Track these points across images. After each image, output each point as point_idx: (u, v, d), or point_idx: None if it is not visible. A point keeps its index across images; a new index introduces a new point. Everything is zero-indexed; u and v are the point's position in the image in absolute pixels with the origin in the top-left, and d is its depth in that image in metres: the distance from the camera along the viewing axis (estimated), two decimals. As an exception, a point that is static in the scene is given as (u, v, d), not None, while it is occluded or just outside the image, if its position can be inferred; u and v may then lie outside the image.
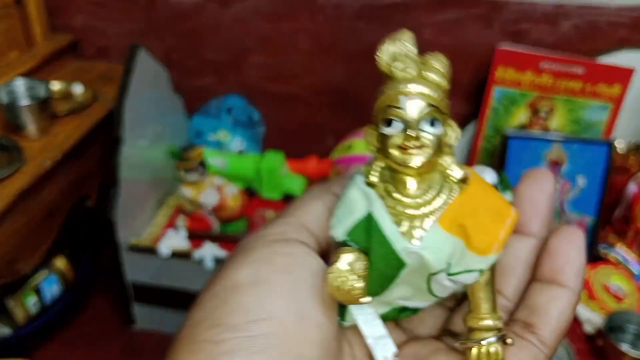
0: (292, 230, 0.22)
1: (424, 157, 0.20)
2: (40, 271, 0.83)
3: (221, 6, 0.92)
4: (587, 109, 0.86)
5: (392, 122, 0.20)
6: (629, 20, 0.82)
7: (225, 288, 0.19)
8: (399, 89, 0.20)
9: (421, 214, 0.20)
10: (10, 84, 0.76)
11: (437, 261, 0.20)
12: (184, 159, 0.82)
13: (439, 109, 0.20)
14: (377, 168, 0.21)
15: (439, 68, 0.20)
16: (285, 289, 0.19)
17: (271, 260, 0.20)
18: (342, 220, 0.21)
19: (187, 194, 0.83)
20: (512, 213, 0.21)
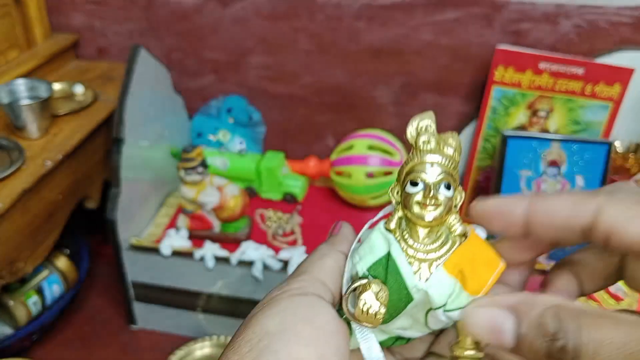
0: (309, 286, 0.25)
1: (437, 213, 0.25)
2: (42, 271, 0.83)
3: (221, 6, 0.92)
4: (586, 109, 0.86)
5: (416, 183, 0.25)
6: (630, 20, 0.82)
7: (257, 334, 0.23)
8: (423, 158, 0.25)
9: (429, 258, 0.25)
10: (10, 83, 0.76)
11: (439, 298, 0.25)
12: (184, 159, 0.82)
13: (452, 176, 0.25)
14: (396, 217, 0.26)
15: (453, 144, 0.26)
16: (307, 335, 0.23)
17: (295, 312, 0.24)
18: (364, 258, 0.26)
19: (187, 194, 0.83)
20: (500, 264, 0.26)
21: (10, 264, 0.68)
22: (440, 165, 0.25)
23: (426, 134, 0.26)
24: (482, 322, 0.23)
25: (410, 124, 0.26)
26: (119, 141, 0.77)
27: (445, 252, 0.25)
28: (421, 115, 0.26)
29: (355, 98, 0.95)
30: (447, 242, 0.26)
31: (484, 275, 0.25)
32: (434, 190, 0.24)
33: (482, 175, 0.94)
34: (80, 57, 1.02)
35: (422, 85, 0.93)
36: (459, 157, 0.26)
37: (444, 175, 0.25)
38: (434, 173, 0.25)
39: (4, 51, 0.86)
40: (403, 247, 0.25)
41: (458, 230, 0.26)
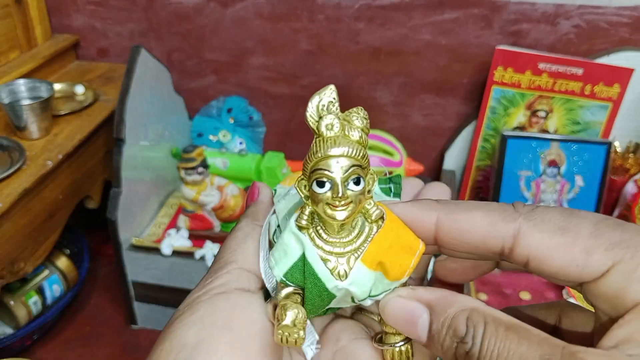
0: (233, 280, 0.24)
1: (349, 211, 0.23)
2: (42, 271, 0.83)
3: (221, 7, 0.92)
4: (585, 109, 0.86)
5: (322, 183, 0.23)
6: (629, 20, 0.83)
7: (174, 348, 0.22)
8: (327, 151, 0.23)
9: (346, 252, 0.24)
10: (11, 84, 0.77)
11: (361, 293, 0.24)
12: (185, 159, 0.82)
13: (361, 166, 0.23)
14: (307, 212, 0.24)
15: (359, 125, 0.24)
16: (227, 342, 0.22)
17: (213, 318, 0.23)
18: (279, 263, 0.25)
19: (188, 194, 0.83)
20: (420, 246, 0.25)
21: (11, 264, 0.68)
22: (347, 157, 0.23)
23: (329, 116, 0.23)
24: (399, 312, 0.23)
25: (310, 103, 0.24)
26: (119, 141, 0.77)
27: (362, 241, 0.24)
28: (321, 92, 0.24)
29: (355, 98, 0.95)
30: (364, 230, 0.24)
31: (405, 261, 0.24)
32: (342, 189, 0.23)
33: (482, 176, 0.94)
34: (81, 57, 1.02)
35: (421, 86, 0.93)
36: (367, 137, 0.24)
37: (352, 170, 0.23)
38: (341, 170, 0.23)
39: (5, 52, 0.87)
40: (318, 243, 0.24)
41: (374, 215, 0.24)
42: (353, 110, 0.24)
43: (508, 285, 0.86)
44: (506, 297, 0.84)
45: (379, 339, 0.26)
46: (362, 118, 0.24)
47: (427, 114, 0.95)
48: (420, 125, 0.96)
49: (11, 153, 0.71)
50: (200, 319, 0.23)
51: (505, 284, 0.86)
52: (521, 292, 0.85)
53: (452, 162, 0.97)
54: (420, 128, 0.97)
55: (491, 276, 0.88)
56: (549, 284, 0.87)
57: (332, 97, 0.24)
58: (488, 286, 0.86)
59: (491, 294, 0.84)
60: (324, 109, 0.24)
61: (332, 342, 0.27)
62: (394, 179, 0.31)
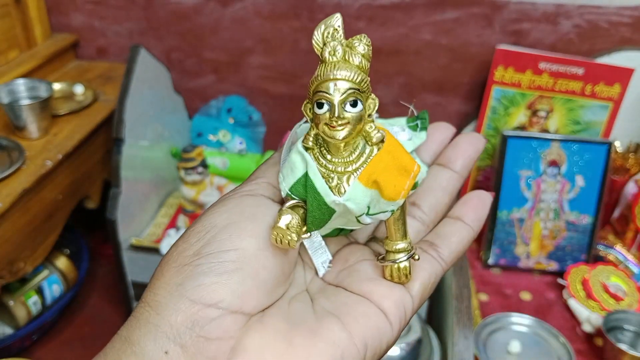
0: (260, 188, 0.27)
1: (347, 131, 0.25)
2: (42, 271, 0.83)
3: (221, 6, 0.92)
4: (586, 109, 0.86)
5: (321, 104, 0.24)
6: (629, 20, 0.82)
7: (205, 227, 0.25)
8: (327, 75, 0.24)
9: (347, 171, 0.26)
10: (11, 83, 0.76)
11: (357, 209, 0.26)
12: (184, 159, 0.82)
13: (359, 90, 0.25)
14: (312, 134, 0.26)
15: (361, 51, 0.25)
16: (250, 230, 0.25)
17: (242, 209, 0.26)
18: (286, 178, 0.27)
19: (187, 193, 0.83)
20: (415, 168, 0.26)
21: (10, 264, 0.68)
22: (346, 79, 0.24)
23: (332, 43, 0.25)
24: None
25: (316, 31, 0.25)
26: (119, 141, 0.77)
27: (362, 162, 0.26)
28: (327, 20, 0.25)
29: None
30: (364, 151, 0.26)
31: (400, 181, 0.26)
32: (339, 110, 0.24)
33: (482, 175, 0.94)
34: (80, 57, 1.02)
35: (422, 85, 0.93)
36: (368, 62, 0.25)
37: (349, 93, 0.24)
38: (338, 92, 0.24)
39: (4, 51, 0.86)
40: (322, 162, 0.26)
41: (374, 138, 0.26)
42: (356, 37, 0.25)
43: (508, 286, 0.86)
44: (507, 298, 0.83)
45: (381, 257, 0.28)
46: (364, 45, 0.25)
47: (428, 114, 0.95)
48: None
49: (10, 153, 0.71)
50: (230, 209, 0.26)
51: (506, 285, 0.86)
52: (521, 292, 0.85)
53: (452, 161, 0.97)
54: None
55: (491, 276, 0.88)
56: (549, 284, 0.87)
57: (337, 24, 0.25)
58: (488, 286, 0.86)
59: (491, 294, 0.84)
60: (329, 36, 0.25)
61: (341, 262, 0.30)
62: (421, 114, 0.34)
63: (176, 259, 0.25)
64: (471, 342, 0.64)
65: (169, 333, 0.23)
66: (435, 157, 0.34)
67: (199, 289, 0.23)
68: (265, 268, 0.25)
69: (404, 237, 0.28)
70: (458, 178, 0.32)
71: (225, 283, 0.24)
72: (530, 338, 0.75)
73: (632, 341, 0.74)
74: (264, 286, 0.25)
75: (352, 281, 0.28)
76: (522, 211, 0.87)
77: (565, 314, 0.81)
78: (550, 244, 0.88)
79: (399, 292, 0.27)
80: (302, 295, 0.28)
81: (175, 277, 0.24)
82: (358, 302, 0.27)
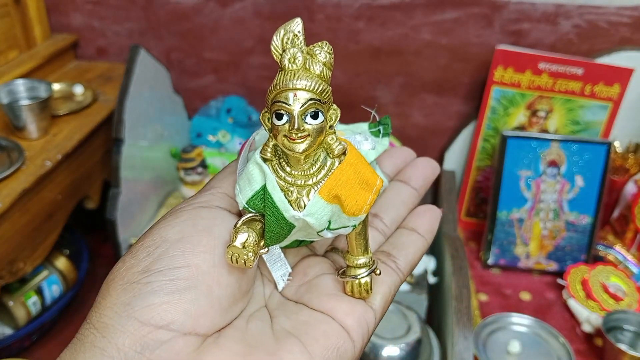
0: (215, 199, 0.26)
1: (307, 144, 0.24)
2: (41, 271, 0.83)
3: (220, 6, 0.92)
4: (586, 109, 0.86)
5: (280, 115, 0.23)
6: (629, 20, 0.83)
7: (156, 242, 0.24)
8: (286, 84, 0.23)
9: (307, 184, 0.25)
10: (10, 84, 0.76)
11: (318, 224, 0.25)
12: (184, 160, 0.82)
13: (320, 100, 0.23)
14: (270, 145, 0.25)
15: (322, 59, 0.24)
16: (204, 244, 0.24)
17: (195, 222, 0.25)
18: (243, 190, 0.26)
19: (187, 194, 0.83)
20: (377, 182, 0.25)
21: (10, 264, 0.68)
22: (306, 90, 0.23)
23: (292, 50, 0.23)
24: None
25: (275, 36, 0.24)
26: (118, 141, 0.77)
27: (323, 175, 0.25)
28: (287, 25, 0.24)
29: (355, 98, 0.95)
30: (326, 164, 0.25)
31: (362, 196, 0.25)
32: (298, 122, 0.23)
33: (482, 176, 0.94)
34: (80, 57, 1.02)
35: (421, 85, 0.93)
36: (330, 71, 0.24)
37: (310, 104, 0.23)
38: (298, 102, 0.23)
39: (4, 51, 0.86)
40: (281, 175, 0.25)
41: (336, 150, 0.25)
42: (317, 44, 0.24)
43: (508, 286, 0.86)
44: (506, 298, 0.83)
45: (342, 272, 0.27)
46: (326, 52, 0.24)
47: (428, 114, 0.95)
48: (421, 125, 0.96)
49: (10, 153, 0.71)
50: (183, 222, 0.25)
51: (505, 285, 0.86)
52: (521, 292, 0.85)
53: (452, 162, 0.97)
54: (420, 128, 0.97)
55: (491, 276, 0.88)
56: (548, 284, 0.87)
57: (297, 30, 0.24)
58: (488, 287, 0.86)
59: (491, 295, 0.84)
60: (288, 42, 0.24)
61: (300, 276, 0.29)
62: (383, 120, 0.33)
63: (123, 276, 0.23)
64: (471, 343, 0.64)
65: (116, 358, 0.21)
66: (396, 171, 0.34)
67: (148, 309, 0.22)
68: (220, 285, 0.24)
69: (366, 252, 0.27)
70: (417, 195, 0.33)
71: (176, 303, 0.22)
72: (530, 338, 0.75)
73: (631, 341, 0.74)
74: (219, 305, 0.24)
75: (312, 297, 0.27)
76: (522, 211, 0.87)
77: (565, 314, 0.81)
78: (549, 244, 0.88)
79: (361, 308, 0.26)
80: (261, 312, 0.27)
81: (123, 296, 0.23)
82: (319, 320, 0.26)
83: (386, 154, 0.34)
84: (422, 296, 0.77)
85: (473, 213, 0.97)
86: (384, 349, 0.65)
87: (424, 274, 0.80)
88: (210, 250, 0.24)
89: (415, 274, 0.80)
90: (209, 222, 0.25)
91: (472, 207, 0.97)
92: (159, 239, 0.24)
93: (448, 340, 0.68)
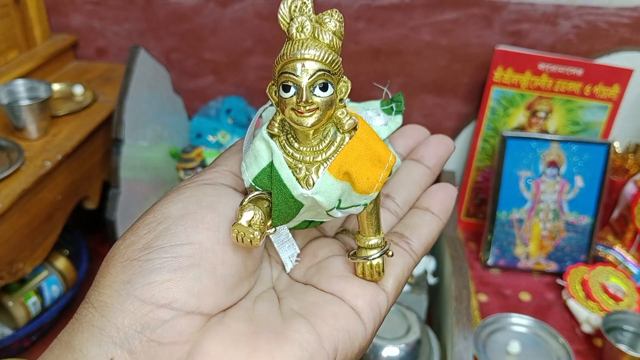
0: (221, 177, 0.25)
1: (316, 118, 0.22)
2: (41, 272, 0.83)
3: (220, 6, 0.92)
4: (585, 109, 0.86)
5: (287, 87, 0.22)
6: (629, 20, 0.83)
7: (157, 218, 0.23)
8: (294, 54, 0.22)
9: (316, 161, 0.23)
10: (10, 84, 0.76)
11: (327, 203, 0.24)
12: (183, 160, 0.82)
13: (330, 72, 0.22)
14: (278, 120, 0.24)
15: (332, 28, 0.22)
16: (208, 221, 0.23)
17: (199, 199, 0.24)
18: (249, 168, 0.24)
19: (187, 194, 0.83)
20: (389, 158, 0.24)
21: (9, 265, 0.68)
22: (315, 60, 0.22)
23: (300, 18, 0.22)
24: None
25: (282, 4, 0.22)
26: (118, 142, 0.77)
27: (333, 151, 0.23)
28: None
29: (355, 99, 0.95)
30: (336, 139, 0.24)
31: (373, 173, 0.23)
32: (307, 94, 0.22)
33: (481, 176, 0.94)
34: (80, 57, 1.02)
35: (421, 86, 0.93)
36: (340, 41, 0.22)
37: (319, 74, 0.22)
38: (306, 73, 0.22)
39: (4, 52, 0.86)
40: (288, 151, 0.23)
41: (346, 125, 0.23)
42: (327, 12, 0.22)
43: (508, 286, 0.86)
44: (506, 298, 0.83)
45: (352, 253, 0.26)
46: (335, 20, 0.22)
47: (427, 114, 0.95)
48: (420, 125, 0.96)
49: (10, 153, 0.71)
50: (187, 198, 0.24)
51: (505, 285, 0.86)
52: (521, 292, 0.85)
53: (451, 162, 0.97)
54: (419, 128, 0.97)
55: (491, 277, 0.88)
56: (548, 285, 0.87)
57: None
58: (488, 287, 0.86)
59: (491, 295, 0.84)
60: (296, 10, 0.22)
61: (309, 257, 0.27)
62: (396, 97, 0.31)
63: (123, 254, 0.22)
64: (471, 343, 0.64)
65: (116, 337, 0.20)
66: (409, 151, 0.33)
67: (149, 287, 0.21)
68: (224, 264, 0.23)
69: (377, 232, 0.26)
70: (430, 174, 0.32)
71: (179, 280, 0.21)
72: (530, 339, 0.75)
73: (631, 342, 0.74)
74: (224, 283, 0.23)
75: (321, 278, 0.26)
76: (522, 212, 0.87)
77: (565, 315, 0.81)
78: (549, 245, 0.88)
79: (372, 290, 0.25)
80: (269, 293, 0.26)
81: (122, 273, 0.22)
82: (328, 301, 0.25)
83: (398, 133, 0.33)
84: (422, 297, 0.77)
85: (473, 213, 0.97)
86: (384, 350, 0.65)
87: (423, 274, 0.80)
88: (214, 227, 0.23)
89: (415, 275, 0.80)
90: (214, 199, 0.24)
91: (471, 207, 0.97)
92: (161, 215, 0.23)
93: (448, 340, 0.68)
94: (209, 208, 0.23)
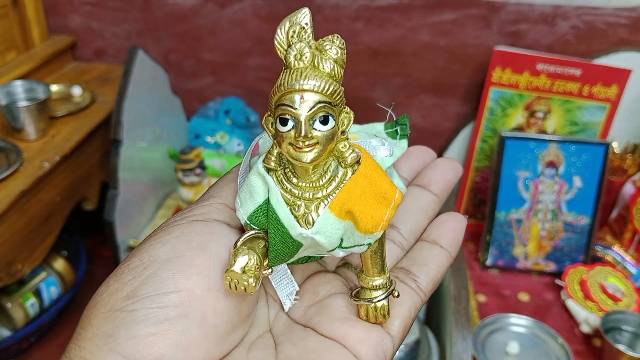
0: (213, 211, 0.23)
1: (316, 153, 0.21)
2: (39, 273, 0.83)
3: (219, 7, 0.92)
4: (584, 110, 0.86)
5: (285, 120, 0.20)
6: (627, 21, 0.83)
7: (143, 262, 0.21)
8: (292, 84, 0.20)
9: (316, 197, 0.22)
10: (8, 85, 0.76)
11: (329, 243, 0.22)
12: (182, 161, 0.82)
13: (331, 103, 0.20)
14: (275, 153, 0.22)
15: (333, 55, 0.20)
16: (198, 264, 0.21)
17: (189, 239, 0.22)
18: (244, 204, 0.23)
19: (185, 195, 0.83)
20: (396, 196, 0.22)
21: (8, 266, 0.68)
22: (315, 91, 0.20)
23: (299, 45, 0.20)
24: None
25: (279, 29, 0.21)
26: (117, 143, 0.77)
27: (334, 188, 0.22)
28: (293, 16, 0.21)
29: (353, 99, 0.95)
30: (337, 174, 0.22)
31: (378, 212, 0.22)
32: (306, 128, 0.20)
33: (480, 177, 0.94)
34: (78, 58, 1.02)
35: (420, 86, 0.93)
36: (341, 70, 0.21)
37: (319, 107, 0.20)
38: (305, 106, 0.20)
39: (2, 53, 0.86)
40: (286, 187, 0.22)
41: (349, 159, 0.22)
42: (328, 38, 0.21)
43: (506, 287, 0.86)
44: (505, 299, 0.83)
45: (355, 293, 0.25)
46: (337, 47, 0.21)
47: (426, 115, 0.95)
48: (419, 125, 0.96)
49: (8, 155, 0.71)
50: (175, 239, 0.22)
51: (504, 286, 0.86)
52: (520, 293, 0.85)
53: (450, 163, 0.97)
54: (418, 129, 0.97)
55: (490, 277, 0.88)
56: (547, 285, 0.87)
57: (305, 22, 0.21)
58: (487, 287, 0.86)
59: (490, 295, 0.84)
60: (295, 36, 0.21)
61: (309, 295, 0.26)
62: (400, 120, 0.29)
63: (106, 303, 0.21)
64: (469, 343, 0.64)
65: None
66: (414, 175, 0.31)
67: (133, 342, 0.19)
68: (216, 312, 0.21)
69: (382, 272, 0.24)
70: (437, 201, 0.30)
71: (165, 333, 0.20)
72: (529, 339, 0.75)
73: (630, 342, 0.74)
74: (215, 334, 0.21)
75: (322, 320, 0.24)
76: (520, 212, 0.88)
77: (564, 315, 0.81)
78: (548, 245, 0.88)
79: (376, 335, 0.24)
80: (265, 338, 0.24)
81: (105, 326, 0.20)
82: (329, 348, 0.23)
83: (402, 155, 0.30)
84: (421, 297, 0.77)
85: (471, 214, 0.97)
86: (383, 350, 0.65)
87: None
88: (205, 271, 0.21)
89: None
90: (205, 238, 0.22)
91: (470, 207, 0.97)
92: (147, 258, 0.21)
93: (447, 341, 0.68)
94: (199, 249, 0.21)
